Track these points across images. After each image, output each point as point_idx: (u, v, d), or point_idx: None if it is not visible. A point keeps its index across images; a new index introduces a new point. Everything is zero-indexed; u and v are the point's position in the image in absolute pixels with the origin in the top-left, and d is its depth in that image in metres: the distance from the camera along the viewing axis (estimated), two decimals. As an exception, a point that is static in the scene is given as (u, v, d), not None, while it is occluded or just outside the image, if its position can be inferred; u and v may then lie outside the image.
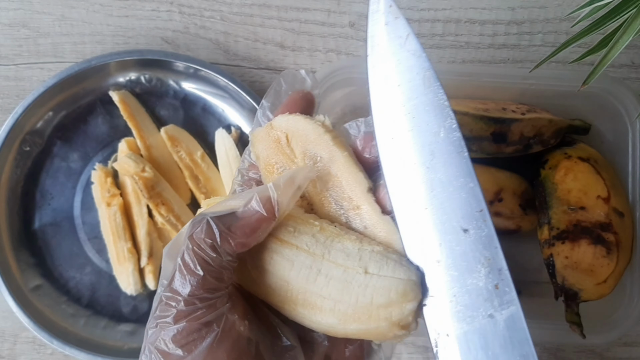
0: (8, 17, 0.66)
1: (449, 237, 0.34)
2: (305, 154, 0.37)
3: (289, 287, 0.34)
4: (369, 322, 0.34)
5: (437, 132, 0.35)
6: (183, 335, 0.33)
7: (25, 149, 0.64)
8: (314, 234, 0.35)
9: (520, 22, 0.66)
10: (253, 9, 0.66)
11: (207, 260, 0.33)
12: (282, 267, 0.34)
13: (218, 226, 0.33)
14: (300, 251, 0.34)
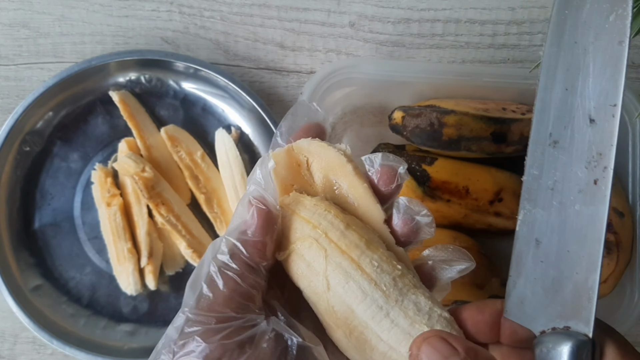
0: (8, 17, 0.66)
1: (573, 121, 0.34)
2: (327, 179, 0.39)
3: (352, 316, 0.34)
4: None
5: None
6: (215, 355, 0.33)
7: (25, 149, 0.64)
8: (394, 277, 0.35)
9: (521, 22, 0.66)
10: (253, 9, 0.66)
11: (232, 278, 0.34)
12: (354, 296, 0.34)
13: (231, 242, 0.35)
14: (377, 288, 0.34)
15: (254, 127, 0.66)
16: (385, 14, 0.66)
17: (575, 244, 0.34)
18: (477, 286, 0.61)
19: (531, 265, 0.35)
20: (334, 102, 0.64)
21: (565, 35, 0.35)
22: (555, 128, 0.35)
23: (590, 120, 0.34)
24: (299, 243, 0.36)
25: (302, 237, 0.36)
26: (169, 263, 0.64)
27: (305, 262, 0.35)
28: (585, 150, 0.34)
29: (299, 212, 0.37)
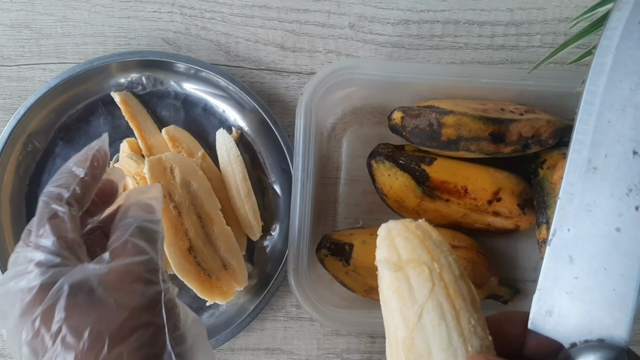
0: (10, 18, 0.67)
1: (615, 151, 0.36)
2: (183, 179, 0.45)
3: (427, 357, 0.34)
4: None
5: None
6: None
7: (27, 150, 0.65)
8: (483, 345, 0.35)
9: (519, 23, 0.66)
10: (254, 10, 0.67)
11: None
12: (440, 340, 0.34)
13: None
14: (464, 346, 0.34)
15: (254, 128, 0.66)
16: (385, 15, 0.66)
17: (614, 262, 0.35)
18: (475, 285, 0.61)
19: (564, 280, 0.36)
20: (333, 103, 0.64)
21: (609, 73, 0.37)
22: (594, 155, 0.36)
23: (634, 152, 0.36)
24: (412, 265, 0.36)
25: (417, 261, 0.36)
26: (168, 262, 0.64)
27: (409, 285, 0.35)
28: (627, 178, 0.35)
29: (423, 239, 0.37)
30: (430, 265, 0.36)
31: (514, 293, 0.64)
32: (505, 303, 0.64)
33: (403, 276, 0.36)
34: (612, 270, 0.35)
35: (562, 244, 0.37)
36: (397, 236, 0.37)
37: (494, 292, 0.63)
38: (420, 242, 0.37)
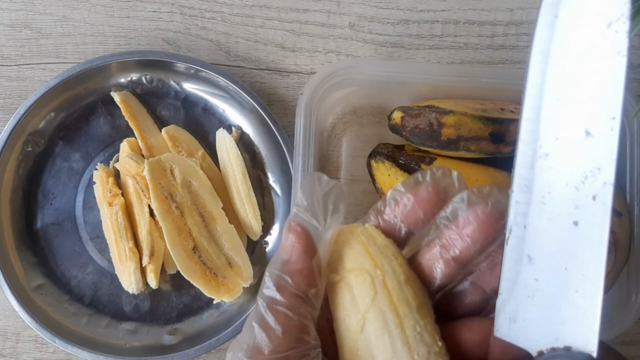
0: (10, 18, 0.67)
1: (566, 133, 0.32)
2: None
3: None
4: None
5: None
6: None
7: (27, 149, 0.65)
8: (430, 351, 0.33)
9: (519, 23, 0.66)
10: (253, 10, 0.67)
11: (283, 312, 0.32)
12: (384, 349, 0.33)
13: (275, 275, 0.33)
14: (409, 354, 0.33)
15: (254, 127, 0.66)
16: (385, 15, 0.66)
17: (575, 261, 0.32)
18: (475, 285, 0.61)
19: (524, 283, 0.33)
20: (333, 103, 0.64)
21: (554, 42, 0.33)
22: (545, 140, 0.33)
23: (587, 133, 0.32)
24: (354, 274, 0.34)
25: (359, 269, 0.34)
26: (171, 262, 0.64)
27: (352, 295, 0.34)
28: (582, 164, 0.31)
29: (367, 245, 0.35)
30: (372, 273, 0.34)
31: (514, 293, 0.63)
32: (505, 303, 0.64)
33: (346, 286, 0.34)
34: (574, 270, 0.31)
35: (519, 243, 0.33)
36: (342, 243, 0.36)
37: (494, 292, 0.62)
38: (363, 248, 0.35)
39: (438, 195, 0.36)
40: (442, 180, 0.36)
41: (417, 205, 0.36)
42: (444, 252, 0.35)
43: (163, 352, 0.62)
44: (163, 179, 0.62)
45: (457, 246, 0.35)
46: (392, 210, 0.37)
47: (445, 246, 0.35)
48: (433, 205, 0.36)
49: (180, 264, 0.62)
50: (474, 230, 0.34)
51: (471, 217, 0.34)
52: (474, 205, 0.34)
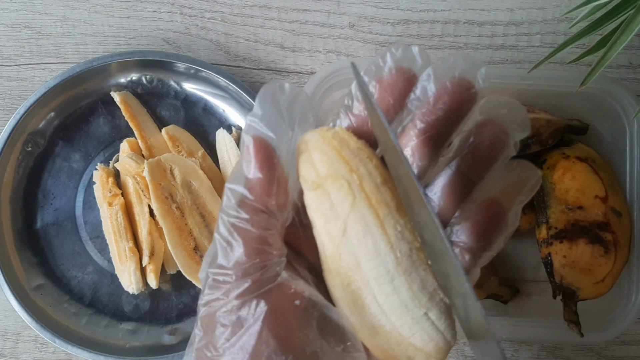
0: (10, 18, 0.67)
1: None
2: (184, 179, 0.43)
3: (356, 269, 0.33)
4: (392, 346, 0.34)
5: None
6: (234, 311, 0.32)
7: (27, 149, 0.65)
8: (412, 247, 0.33)
9: (519, 23, 0.66)
10: (253, 10, 0.66)
11: (241, 226, 0.32)
12: (367, 251, 0.33)
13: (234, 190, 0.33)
14: (392, 252, 0.33)
15: (254, 127, 0.66)
16: (385, 15, 0.66)
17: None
18: (475, 285, 0.61)
19: None
20: (333, 103, 0.64)
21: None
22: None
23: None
24: (330, 181, 0.33)
25: (335, 175, 0.33)
26: (171, 262, 0.64)
27: (330, 201, 0.33)
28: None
29: (340, 150, 0.34)
30: (349, 178, 0.33)
31: (513, 293, 0.64)
32: (505, 303, 0.64)
33: (323, 193, 0.33)
34: None
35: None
36: (313, 150, 0.34)
37: (493, 292, 0.62)
38: (337, 154, 0.34)
39: (404, 76, 0.35)
40: (403, 59, 0.35)
41: (385, 92, 0.35)
42: (419, 133, 0.34)
43: (163, 352, 0.62)
44: (163, 180, 0.62)
45: (430, 122, 0.34)
46: (360, 103, 0.36)
47: (419, 126, 0.34)
48: (401, 88, 0.35)
49: (181, 264, 0.62)
50: (445, 103, 0.34)
51: (441, 91, 0.34)
52: (441, 79, 0.34)
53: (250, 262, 0.32)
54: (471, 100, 0.34)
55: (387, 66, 0.35)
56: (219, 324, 0.33)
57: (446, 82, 0.34)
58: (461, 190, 0.36)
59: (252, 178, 0.33)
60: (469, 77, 0.34)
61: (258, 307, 0.32)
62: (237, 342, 0.32)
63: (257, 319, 0.32)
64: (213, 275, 0.33)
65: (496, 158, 0.35)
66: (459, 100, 0.34)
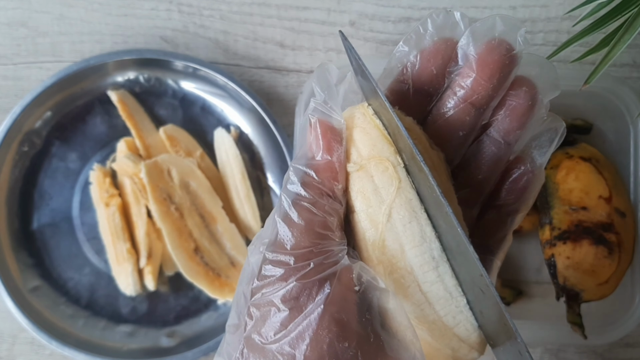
0: (6, 16, 0.66)
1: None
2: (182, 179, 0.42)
3: (400, 256, 0.32)
4: (436, 338, 0.33)
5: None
6: (293, 295, 0.31)
7: (23, 149, 0.64)
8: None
9: (522, 21, 0.66)
10: (252, 8, 0.66)
11: (306, 207, 0.31)
12: (412, 237, 0.31)
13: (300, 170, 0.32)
14: (437, 239, 0.32)
15: (253, 127, 0.65)
16: (386, 13, 0.66)
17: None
18: (477, 287, 0.60)
19: None
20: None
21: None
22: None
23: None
24: (373, 162, 0.32)
25: (379, 157, 0.32)
26: (168, 263, 0.64)
27: (374, 184, 0.32)
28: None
29: (382, 129, 0.33)
30: (393, 161, 0.32)
31: (516, 294, 0.63)
32: (508, 304, 0.63)
33: (366, 175, 0.32)
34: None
35: None
36: (354, 128, 0.33)
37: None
38: (380, 133, 0.33)
39: (446, 43, 0.34)
40: (445, 25, 0.34)
41: (427, 62, 0.34)
42: (460, 100, 0.33)
43: (161, 355, 0.62)
44: (161, 181, 0.61)
45: (471, 87, 0.33)
46: (401, 74, 0.35)
47: (460, 92, 0.33)
48: (443, 55, 0.34)
49: (182, 265, 0.62)
50: (484, 66, 0.33)
51: (481, 54, 0.33)
52: (480, 42, 0.33)
53: (313, 246, 0.31)
54: (512, 63, 0.33)
55: (429, 34, 0.34)
56: (274, 308, 0.31)
57: (486, 45, 0.33)
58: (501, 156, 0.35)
59: (319, 160, 0.32)
60: (509, 39, 0.33)
61: (320, 291, 0.31)
62: (295, 327, 0.30)
63: (318, 303, 0.30)
64: (271, 257, 0.31)
65: (530, 118, 0.35)
66: (500, 64, 0.33)
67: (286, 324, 0.30)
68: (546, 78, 0.34)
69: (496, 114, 0.34)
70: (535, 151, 0.35)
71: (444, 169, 0.34)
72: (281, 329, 0.30)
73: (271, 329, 0.31)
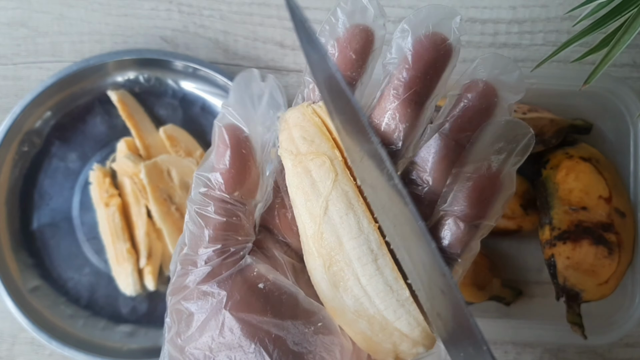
0: (7, 16, 0.66)
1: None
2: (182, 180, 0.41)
3: (338, 249, 0.32)
4: (375, 332, 0.33)
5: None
6: (196, 297, 0.32)
7: (23, 149, 0.64)
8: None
9: (522, 21, 0.66)
10: (252, 8, 0.66)
11: (206, 215, 0.33)
12: (349, 229, 0.32)
13: (201, 178, 0.33)
14: (375, 231, 0.32)
15: (253, 127, 0.65)
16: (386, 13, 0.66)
17: None
18: (477, 287, 0.60)
19: None
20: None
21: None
22: None
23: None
24: (311, 157, 0.33)
25: (316, 152, 0.33)
26: (168, 263, 0.64)
27: (311, 179, 0.33)
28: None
29: (320, 126, 0.34)
30: (330, 155, 0.32)
31: (516, 295, 0.63)
32: (508, 305, 0.63)
33: (304, 170, 0.33)
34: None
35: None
36: (294, 126, 0.34)
37: (496, 294, 0.62)
38: (318, 130, 0.33)
39: (359, 28, 0.33)
40: (355, 11, 0.33)
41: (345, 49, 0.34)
42: (398, 94, 0.33)
43: (161, 355, 0.62)
44: (161, 182, 0.61)
45: (408, 82, 0.33)
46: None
47: (398, 86, 0.33)
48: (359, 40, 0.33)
49: None
50: (419, 58, 0.32)
51: (416, 47, 0.32)
52: (415, 34, 0.32)
53: (213, 247, 0.33)
54: (447, 54, 0.33)
55: (341, 21, 0.33)
56: (184, 312, 0.33)
57: (421, 36, 0.32)
58: (452, 157, 0.34)
59: (220, 167, 0.33)
60: (443, 28, 0.32)
61: (218, 292, 0.32)
62: (202, 329, 0.32)
63: (218, 305, 0.32)
64: (180, 264, 0.33)
65: (485, 120, 0.34)
66: (434, 56, 0.32)
67: (194, 326, 0.32)
68: (508, 80, 0.33)
69: (450, 114, 0.34)
70: (493, 157, 0.33)
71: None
72: (190, 332, 0.32)
73: (184, 332, 0.33)
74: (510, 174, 0.34)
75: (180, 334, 0.33)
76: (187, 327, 0.33)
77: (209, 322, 0.32)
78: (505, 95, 0.33)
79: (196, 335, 0.32)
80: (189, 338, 0.32)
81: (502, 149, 0.33)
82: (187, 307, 0.33)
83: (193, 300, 0.33)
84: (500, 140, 0.33)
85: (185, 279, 0.33)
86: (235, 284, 0.33)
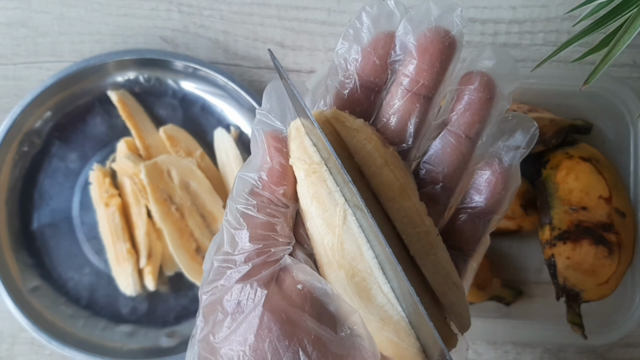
0: (7, 16, 0.66)
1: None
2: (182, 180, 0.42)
3: (359, 259, 0.32)
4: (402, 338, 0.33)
5: None
6: (234, 297, 0.32)
7: (23, 149, 0.64)
8: (419, 232, 0.32)
9: (522, 21, 0.66)
10: (252, 8, 0.66)
11: (248, 213, 0.32)
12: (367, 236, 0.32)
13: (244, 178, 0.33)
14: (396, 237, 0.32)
15: (253, 127, 0.65)
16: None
17: None
18: (478, 287, 0.60)
19: None
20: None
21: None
22: None
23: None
24: (326, 165, 0.32)
25: (333, 161, 0.32)
26: (168, 263, 0.64)
27: (327, 188, 0.32)
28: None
29: (336, 134, 0.33)
30: (346, 163, 0.32)
31: (516, 295, 0.63)
32: (508, 305, 0.63)
33: (319, 180, 0.32)
34: None
35: None
36: (305, 135, 0.33)
37: (496, 294, 0.62)
38: (333, 138, 0.33)
39: (384, 34, 0.34)
40: (380, 16, 0.34)
41: (369, 54, 0.34)
42: (405, 89, 0.33)
43: (161, 355, 0.61)
44: (161, 182, 0.61)
45: (414, 75, 0.33)
46: (345, 71, 0.34)
47: (404, 82, 0.33)
48: (383, 46, 0.34)
49: (184, 266, 0.62)
50: (424, 52, 0.33)
51: (420, 42, 0.33)
52: (418, 29, 0.33)
53: (254, 247, 0.32)
54: (452, 45, 0.33)
55: (366, 26, 0.34)
56: (219, 311, 0.32)
57: (423, 32, 0.32)
58: (465, 152, 0.35)
59: (262, 167, 0.33)
60: (445, 22, 0.32)
61: (258, 291, 0.32)
62: (237, 328, 0.31)
63: (257, 304, 0.31)
64: (218, 262, 0.33)
65: (489, 111, 0.34)
66: (440, 47, 0.33)
67: (229, 326, 0.32)
68: (504, 69, 0.34)
69: (455, 109, 0.34)
70: (503, 152, 0.34)
71: (401, 165, 0.34)
72: (226, 331, 0.32)
73: (218, 331, 0.32)
74: (517, 167, 0.35)
75: (214, 333, 0.32)
76: (221, 326, 0.32)
77: (246, 321, 0.31)
78: (502, 84, 0.34)
79: (232, 335, 0.32)
80: (224, 338, 0.32)
81: (509, 144, 0.34)
82: (223, 306, 0.32)
83: (230, 299, 0.32)
84: (507, 134, 0.35)
85: (222, 277, 0.33)
86: (275, 283, 0.32)
